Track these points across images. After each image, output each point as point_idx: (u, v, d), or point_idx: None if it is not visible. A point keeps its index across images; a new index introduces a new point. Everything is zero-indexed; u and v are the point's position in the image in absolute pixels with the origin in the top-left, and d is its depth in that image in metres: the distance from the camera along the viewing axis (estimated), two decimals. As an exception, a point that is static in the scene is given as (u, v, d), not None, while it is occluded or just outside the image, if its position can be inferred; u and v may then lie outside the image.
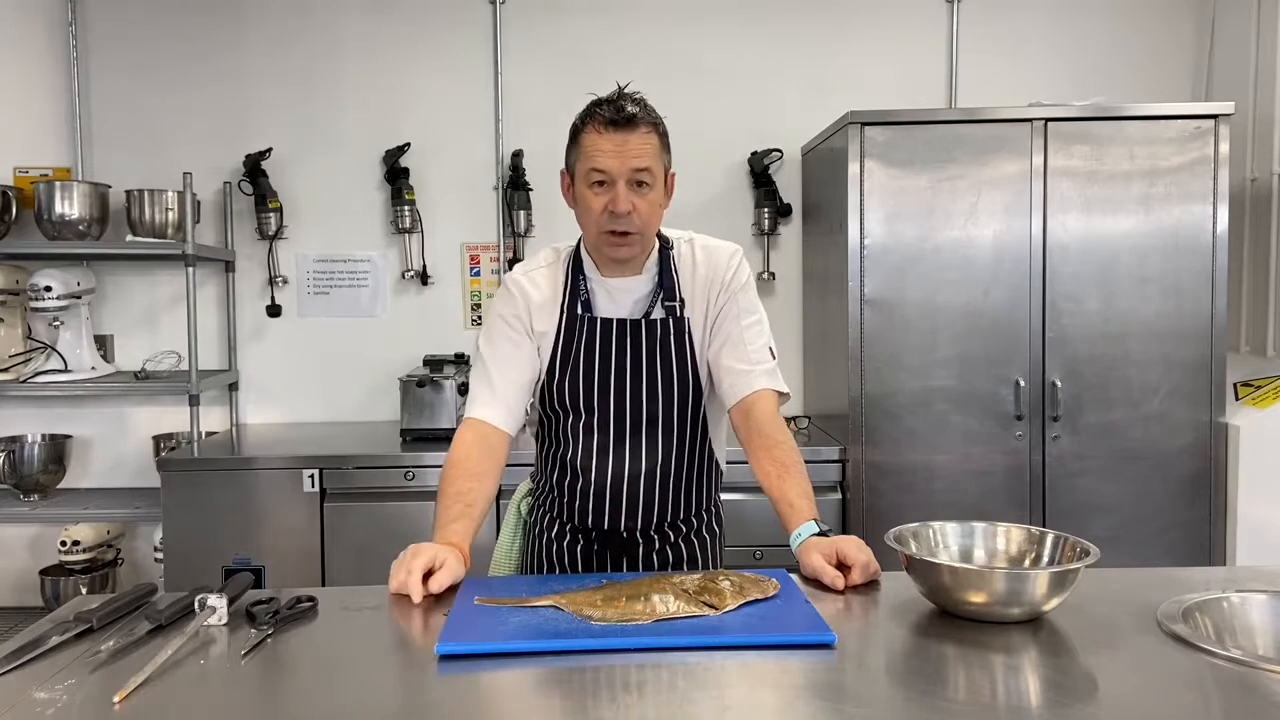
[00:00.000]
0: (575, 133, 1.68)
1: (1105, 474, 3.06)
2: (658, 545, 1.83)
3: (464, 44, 3.70)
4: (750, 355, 1.75)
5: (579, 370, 1.75)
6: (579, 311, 1.76)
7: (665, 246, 1.78)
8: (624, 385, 1.75)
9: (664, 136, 1.69)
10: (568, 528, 1.85)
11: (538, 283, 1.79)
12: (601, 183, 1.64)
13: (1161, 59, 3.75)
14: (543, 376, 1.79)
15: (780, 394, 1.77)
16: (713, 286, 1.78)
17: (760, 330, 1.79)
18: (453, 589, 1.49)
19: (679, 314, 1.76)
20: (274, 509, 3.07)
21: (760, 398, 1.73)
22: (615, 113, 1.62)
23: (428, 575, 1.46)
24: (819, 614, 1.36)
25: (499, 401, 1.74)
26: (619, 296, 1.76)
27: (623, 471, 1.78)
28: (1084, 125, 3.02)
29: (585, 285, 1.76)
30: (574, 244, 1.81)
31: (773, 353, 1.79)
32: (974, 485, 3.08)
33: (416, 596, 1.44)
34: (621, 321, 1.75)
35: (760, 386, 1.74)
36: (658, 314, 1.76)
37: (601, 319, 1.75)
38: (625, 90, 1.67)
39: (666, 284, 1.77)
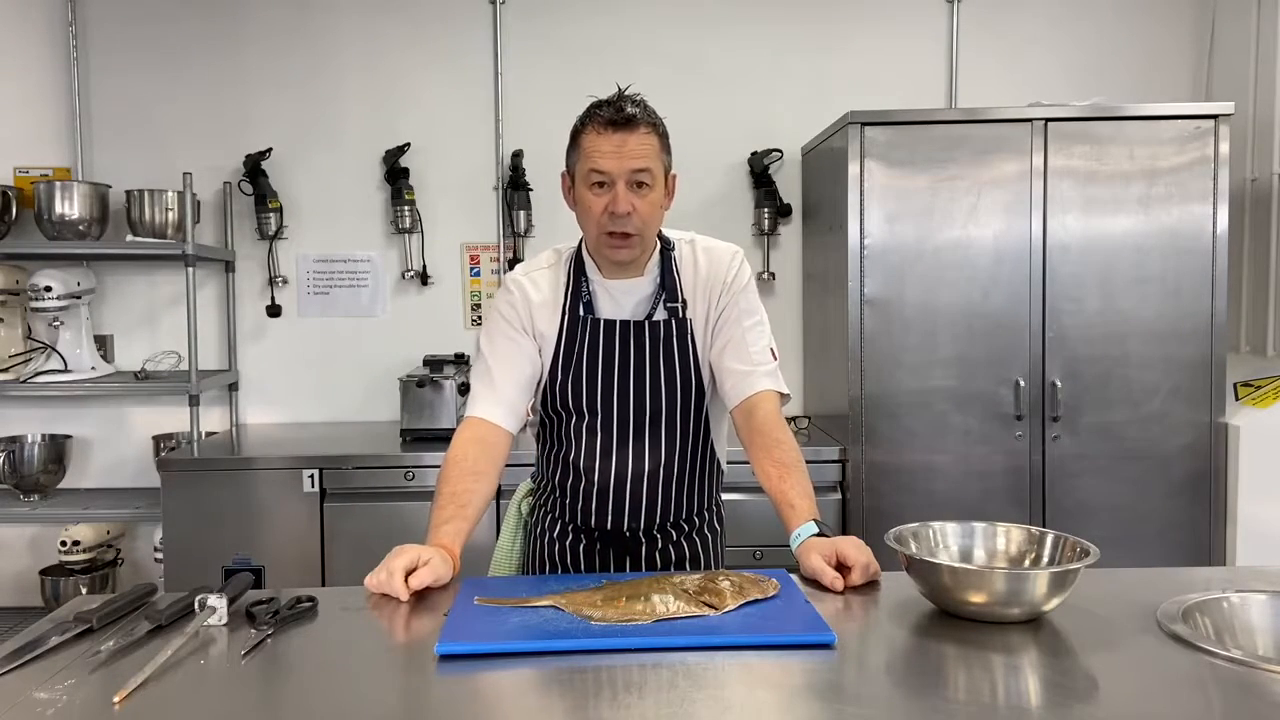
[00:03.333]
0: (575, 134, 1.69)
1: (1105, 474, 3.06)
2: (660, 545, 1.83)
3: (464, 44, 3.70)
4: (752, 356, 1.75)
5: (582, 372, 1.75)
6: (581, 313, 1.75)
7: (666, 248, 1.78)
8: (627, 386, 1.75)
9: (664, 137, 1.69)
10: (569, 528, 1.84)
11: (538, 284, 1.78)
12: (601, 184, 1.64)
13: (1161, 59, 3.75)
14: (544, 378, 1.78)
15: (782, 395, 1.77)
16: (714, 288, 1.78)
17: (761, 331, 1.79)
18: (445, 590, 1.49)
19: (681, 315, 1.76)
20: (274, 509, 3.07)
21: (762, 399, 1.73)
22: (615, 113, 1.62)
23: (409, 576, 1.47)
24: (819, 614, 1.36)
25: (500, 400, 1.74)
26: (621, 298, 1.76)
27: (626, 472, 1.78)
28: (1084, 125, 3.02)
29: (587, 287, 1.76)
30: (575, 245, 1.81)
31: (774, 353, 1.79)
32: (974, 485, 3.08)
33: (403, 595, 1.44)
34: (624, 323, 1.75)
35: (762, 388, 1.74)
36: (660, 315, 1.76)
37: (604, 320, 1.75)
38: (625, 92, 1.67)
39: (668, 285, 1.76)
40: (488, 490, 1.69)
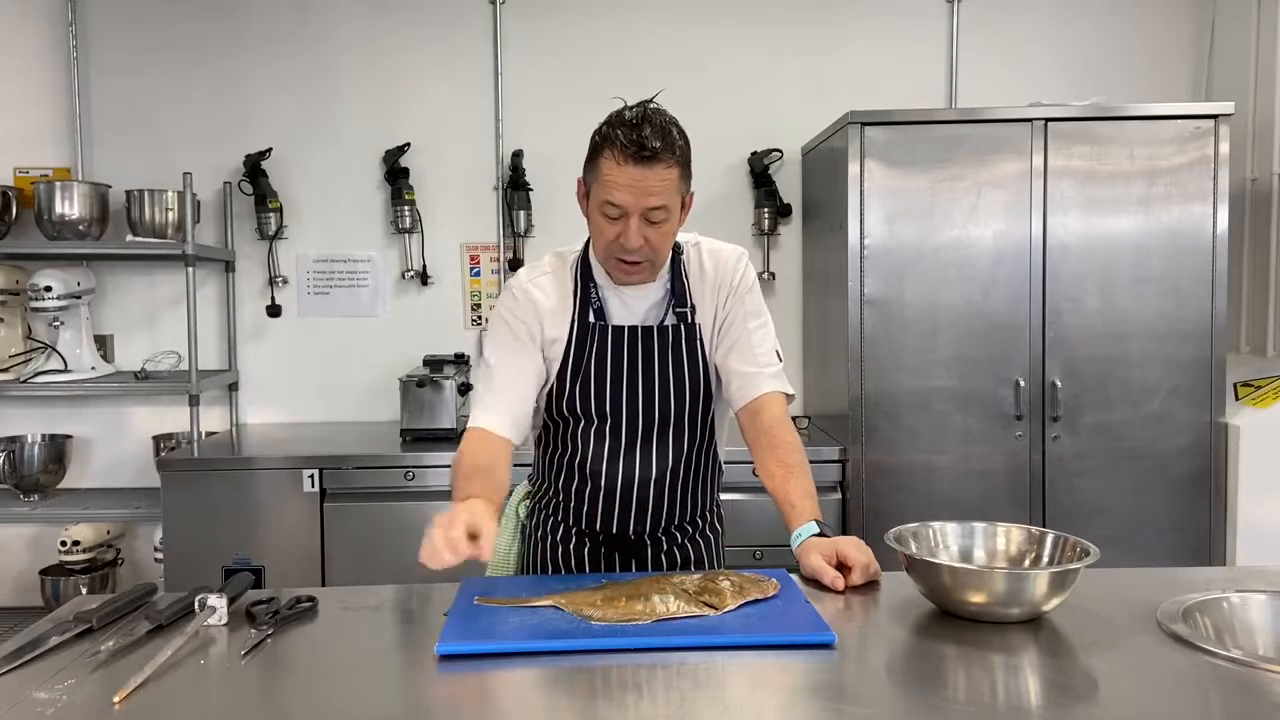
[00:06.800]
0: (594, 150, 1.62)
1: (1105, 474, 3.06)
2: (665, 547, 1.83)
3: (464, 44, 3.69)
4: (758, 358, 1.75)
5: (591, 377, 1.73)
6: (592, 319, 1.73)
7: (675, 252, 1.77)
8: (637, 391, 1.74)
9: (686, 164, 1.63)
10: (572, 530, 1.83)
11: (545, 290, 1.76)
12: (615, 216, 1.61)
13: (1161, 59, 3.75)
14: (552, 382, 1.76)
15: (787, 395, 1.77)
16: (720, 290, 1.77)
17: (766, 333, 1.78)
18: (445, 590, 1.48)
19: (690, 320, 1.76)
20: (274, 509, 3.07)
21: (769, 401, 1.73)
22: (637, 147, 1.54)
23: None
24: (819, 614, 1.36)
25: (504, 410, 1.70)
26: (633, 304, 1.75)
27: (634, 476, 1.77)
28: (1084, 125, 3.02)
29: (597, 293, 1.74)
30: (580, 250, 1.78)
31: (779, 355, 1.79)
32: (974, 485, 3.08)
33: (464, 550, 1.32)
34: (634, 329, 1.74)
35: (768, 389, 1.74)
36: (670, 320, 1.75)
37: (615, 326, 1.74)
38: (651, 108, 1.60)
39: (677, 290, 1.76)
40: (504, 470, 1.65)
